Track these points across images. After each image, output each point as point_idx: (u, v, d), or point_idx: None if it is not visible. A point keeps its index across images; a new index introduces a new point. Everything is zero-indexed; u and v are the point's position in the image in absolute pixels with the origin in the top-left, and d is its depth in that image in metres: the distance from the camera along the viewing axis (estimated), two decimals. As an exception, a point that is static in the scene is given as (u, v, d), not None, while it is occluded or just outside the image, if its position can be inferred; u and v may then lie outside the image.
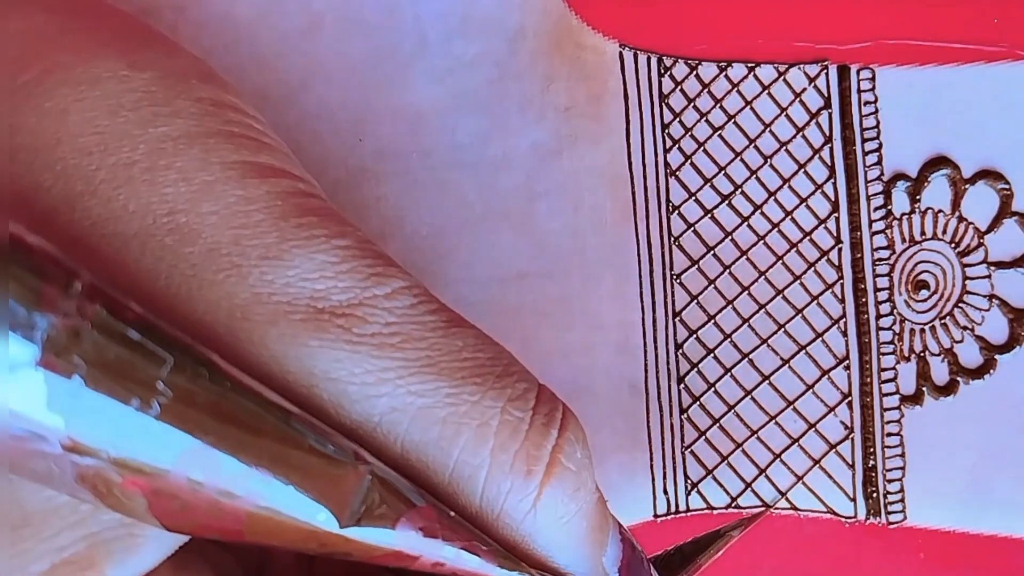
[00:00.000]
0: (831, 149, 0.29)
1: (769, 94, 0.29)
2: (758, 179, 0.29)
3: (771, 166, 0.29)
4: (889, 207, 0.29)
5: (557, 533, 0.19)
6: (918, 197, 0.29)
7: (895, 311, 0.29)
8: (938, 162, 0.29)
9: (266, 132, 0.19)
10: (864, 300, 0.29)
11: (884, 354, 0.29)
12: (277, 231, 0.17)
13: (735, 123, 0.29)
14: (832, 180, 0.29)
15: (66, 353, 0.13)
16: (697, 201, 0.29)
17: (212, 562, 0.20)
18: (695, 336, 0.29)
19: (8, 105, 0.17)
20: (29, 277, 0.13)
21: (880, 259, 0.29)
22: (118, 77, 0.18)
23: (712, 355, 0.29)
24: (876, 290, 0.29)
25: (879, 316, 0.29)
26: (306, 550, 0.17)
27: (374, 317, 0.17)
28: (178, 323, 0.16)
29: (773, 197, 0.29)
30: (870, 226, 0.29)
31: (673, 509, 0.30)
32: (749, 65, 0.29)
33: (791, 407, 0.29)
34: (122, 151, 0.17)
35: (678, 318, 0.29)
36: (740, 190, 0.29)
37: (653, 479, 0.29)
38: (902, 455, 0.29)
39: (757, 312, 0.29)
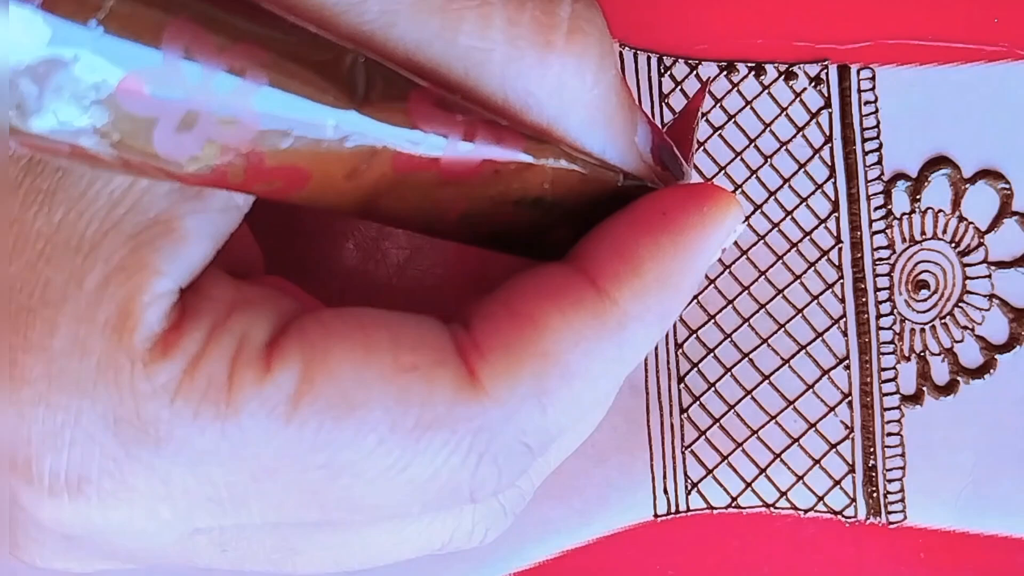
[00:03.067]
0: (831, 149, 0.29)
1: (769, 94, 0.29)
2: (758, 179, 0.29)
3: (771, 166, 0.29)
4: (889, 207, 0.29)
5: (586, 110, 0.18)
6: (918, 197, 0.29)
7: (895, 311, 0.29)
8: (938, 162, 0.29)
9: None
10: (864, 300, 0.29)
11: (884, 354, 0.29)
12: None
13: (735, 123, 0.29)
14: (832, 180, 0.29)
15: None
16: (697, 201, 0.29)
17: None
18: (695, 335, 0.29)
19: None
20: None
21: (880, 259, 0.29)
22: None
23: (712, 355, 0.29)
24: (876, 290, 0.29)
25: (879, 316, 0.29)
26: (337, 183, 0.16)
27: None
28: None
29: (773, 197, 0.29)
30: (870, 226, 0.29)
31: (673, 509, 0.30)
32: (749, 65, 0.29)
33: (791, 407, 0.29)
34: None
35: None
36: (740, 190, 0.29)
37: (653, 479, 0.29)
38: (902, 455, 0.29)
39: (757, 312, 0.29)
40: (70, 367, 0.16)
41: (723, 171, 0.29)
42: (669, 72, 0.29)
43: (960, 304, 0.29)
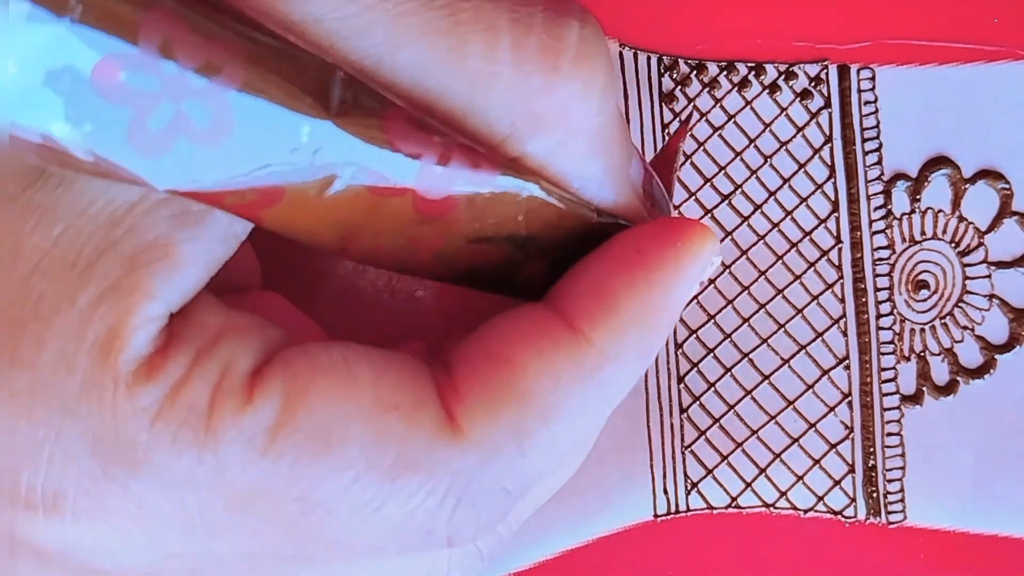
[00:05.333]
0: (831, 149, 0.29)
1: (769, 94, 0.29)
2: (758, 179, 0.29)
3: (771, 166, 0.29)
4: (889, 207, 0.29)
5: (590, 136, 0.18)
6: (918, 197, 0.29)
7: (895, 311, 0.29)
8: (938, 162, 0.29)
9: None
10: (864, 300, 0.29)
11: (884, 354, 0.29)
12: None
13: (735, 123, 0.29)
14: (832, 180, 0.29)
15: None
16: (697, 200, 0.29)
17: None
18: (695, 336, 0.29)
19: None
20: None
21: (880, 259, 0.29)
22: None
23: (712, 355, 0.29)
24: (876, 290, 0.29)
25: (879, 316, 0.29)
26: (310, 200, 0.16)
27: None
28: None
29: (773, 197, 0.29)
30: (870, 226, 0.29)
31: (673, 509, 0.30)
32: (749, 65, 0.29)
33: (791, 407, 0.29)
34: None
35: (678, 318, 0.29)
36: (740, 190, 0.29)
37: (653, 479, 0.29)
38: (902, 455, 0.29)
39: (757, 312, 0.29)
40: (55, 383, 0.16)
41: (723, 171, 0.29)
42: (669, 72, 0.29)
43: (960, 304, 0.29)
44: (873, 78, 0.29)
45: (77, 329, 0.16)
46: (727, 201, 0.29)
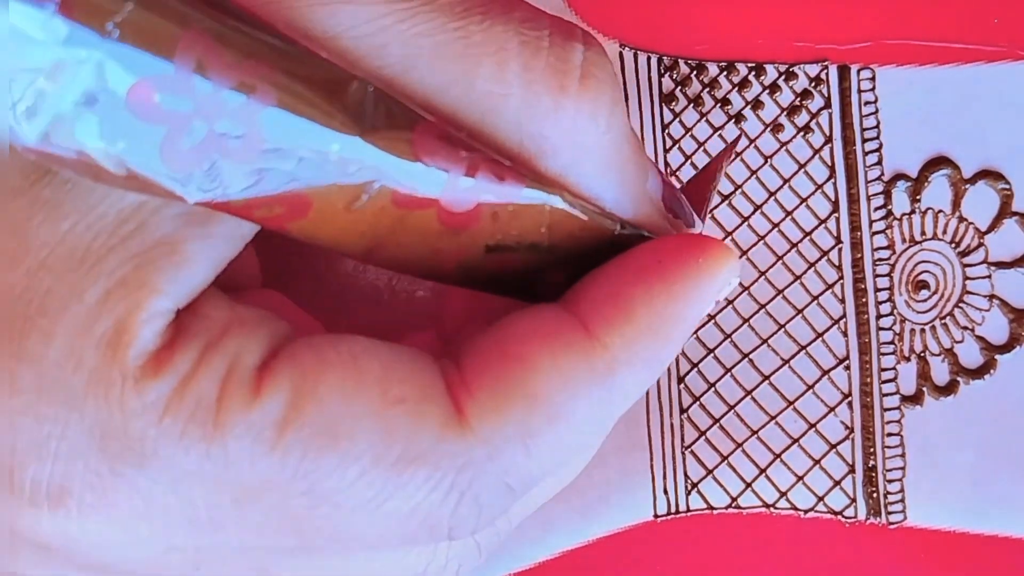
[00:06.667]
0: (831, 149, 0.29)
1: (769, 94, 0.29)
2: (758, 179, 0.29)
3: (771, 166, 0.29)
4: (889, 207, 0.29)
5: (600, 155, 0.18)
6: (918, 197, 0.29)
7: (895, 311, 0.30)
8: (938, 162, 0.29)
9: None
10: (864, 300, 0.29)
11: (884, 354, 0.29)
12: None
13: (735, 123, 0.29)
14: (832, 180, 0.29)
15: None
16: (697, 201, 0.29)
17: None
18: (695, 335, 0.29)
19: None
20: None
21: (880, 259, 0.29)
22: None
23: (712, 355, 0.29)
24: (876, 290, 0.29)
25: (879, 316, 0.29)
26: (337, 213, 0.16)
27: None
28: None
29: (773, 197, 0.29)
30: (870, 226, 0.29)
31: (673, 509, 0.30)
32: (749, 65, 0.29)
33: (791, 407, 0.29)
34: None
35: (678, 318, 0.29)
36: (740, 190, 0.29)
37: (653, 479, 0.29)
38: (902, 455, 0.29)
39: (757, 312, 0.29)
40: (62, 379, 0.16)
41: (723, 171, 0.29)
42: (669, 72, 0.29)
43: (960, 304, 0.29)
44: (873, 78, 0.29)
45: (84, 324, 0.16)
46: (727, 201, 0.29)
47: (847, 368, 0.29)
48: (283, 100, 0.15)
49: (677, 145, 0.29)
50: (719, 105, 0.29)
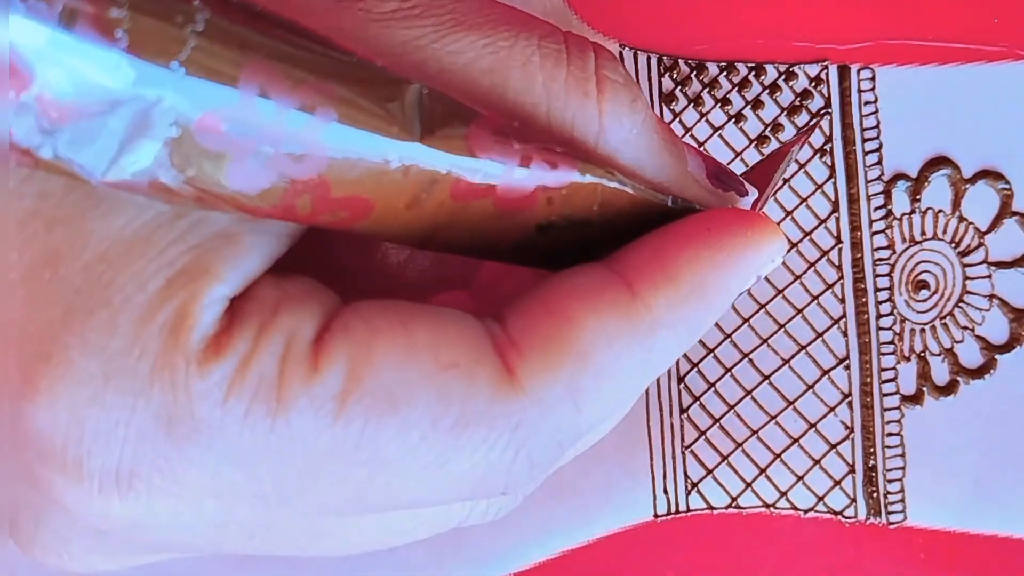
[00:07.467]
0: (831, 149, 0.29)
1: (769, 94, 0.29)
2: (758, 179, 0.29)
3: (771, 166, 0.29)
4: (889, 207, 0.29)
5: (633, 149, 0.19)
6: (918, 197, 0.29)
7: (895, 311, 0.30)
8: (938, 162, 0.29)
9: None
10: (864, 300, 0.29)
11: (884, 354, 0.29)
12: None
13: (735, 123, 0.29)
14: (832, 180, 0.29)
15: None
16: (697, 201, 0.29)
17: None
18: (695, 336, 0.29)
19: None
20: None
21: (880, 259, 0.29)
22: None
23: (712, 355, 0.29)
24: (876, 290, 0.29)
25: (879, 316, 0.29)
26: (398, 212, 0.17)
27: None
28: None
29: (773, 197, 0.29)
30: (870, 226, 0.29)
31: (673, 509, 0.30)
32: (749, 65, 0.29)
33: (791, 407, 0.29)
34: None
35: (678, 318, 0.29)
36: (740, 190, 0.29)
37: (653, 479, 0.29)
38: (902, 455, 0.29)
39: (757, 312, 0.29)
40: (127, 367, 0.16)
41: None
42: (669, 72, 0.29)
43: (960, 304, 0.29)
44: (873, 78, 0.29)
45: (147, 313, 0.16)
46: (727, 201, 0.29)
47: (847, 368, 0.29)
48: (344, 114, 0.16)
49: (677, 145, 0.29)
50: (719, 105, 0.29)
